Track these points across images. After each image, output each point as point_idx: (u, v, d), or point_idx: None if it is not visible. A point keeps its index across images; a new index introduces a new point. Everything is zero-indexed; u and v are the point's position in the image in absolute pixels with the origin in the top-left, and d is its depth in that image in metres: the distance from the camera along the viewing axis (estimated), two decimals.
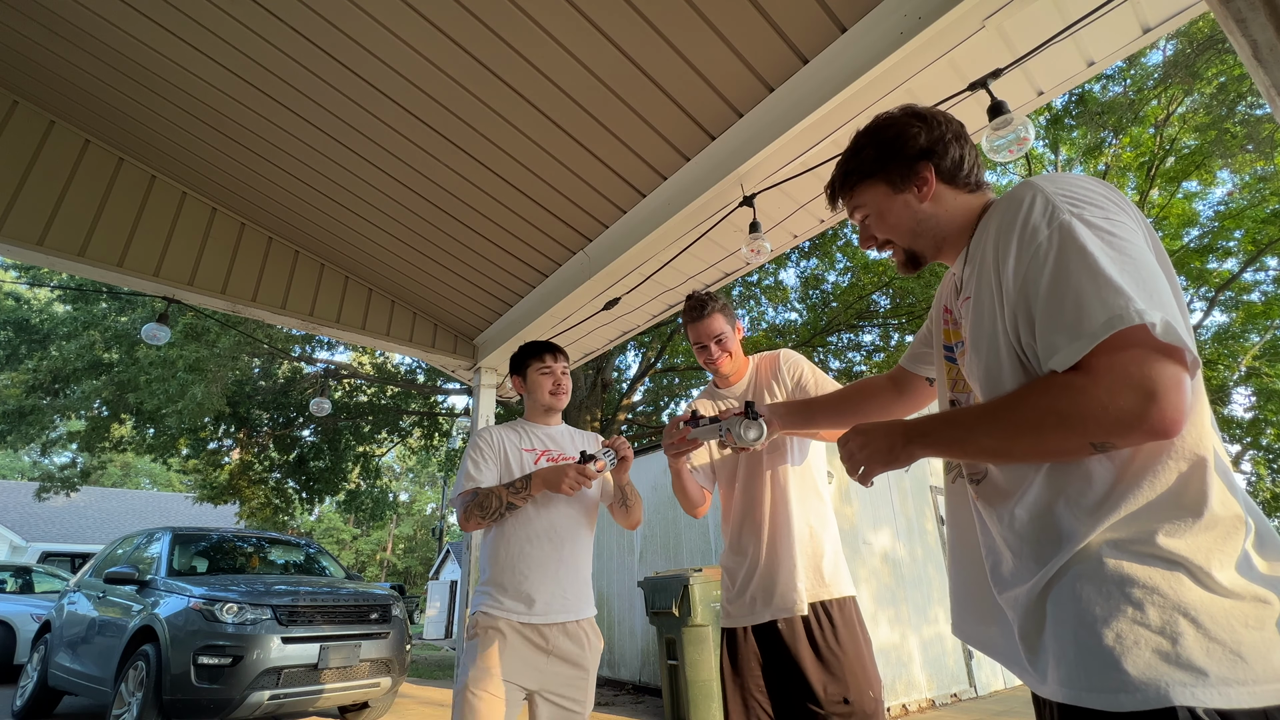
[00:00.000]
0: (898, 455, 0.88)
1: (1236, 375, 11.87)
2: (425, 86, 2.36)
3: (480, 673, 1.65)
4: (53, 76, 2.72)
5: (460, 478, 1.86)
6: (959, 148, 0.93)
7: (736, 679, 1.62)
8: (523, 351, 2.04)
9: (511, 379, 2.06)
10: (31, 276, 11.16)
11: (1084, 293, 0.66)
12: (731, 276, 3.43)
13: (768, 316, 13.87)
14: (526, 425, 2.01)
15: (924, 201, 0.93)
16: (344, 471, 12.92)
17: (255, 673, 3.65)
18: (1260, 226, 10.41)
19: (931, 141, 0.93)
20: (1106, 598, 0.67)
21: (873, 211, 0.98)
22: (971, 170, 0.94)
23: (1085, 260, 0.68)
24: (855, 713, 1.48)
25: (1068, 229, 0.71)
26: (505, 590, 1.78)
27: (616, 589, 7.10)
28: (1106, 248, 0.68)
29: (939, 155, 0.92)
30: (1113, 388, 0.64)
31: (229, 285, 3.36)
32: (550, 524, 1.84)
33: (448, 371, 4.35)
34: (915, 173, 0.93)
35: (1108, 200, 0.74)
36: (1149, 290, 0.65)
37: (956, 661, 5.89)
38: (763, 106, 2.15)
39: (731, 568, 1.73)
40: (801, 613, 1.57)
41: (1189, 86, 9.89)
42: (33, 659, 5.39)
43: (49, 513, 17.93)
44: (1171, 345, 0.63)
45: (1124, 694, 0.63)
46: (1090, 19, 1.82)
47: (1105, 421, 0.65)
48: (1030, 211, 0.75)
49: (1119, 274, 0.66)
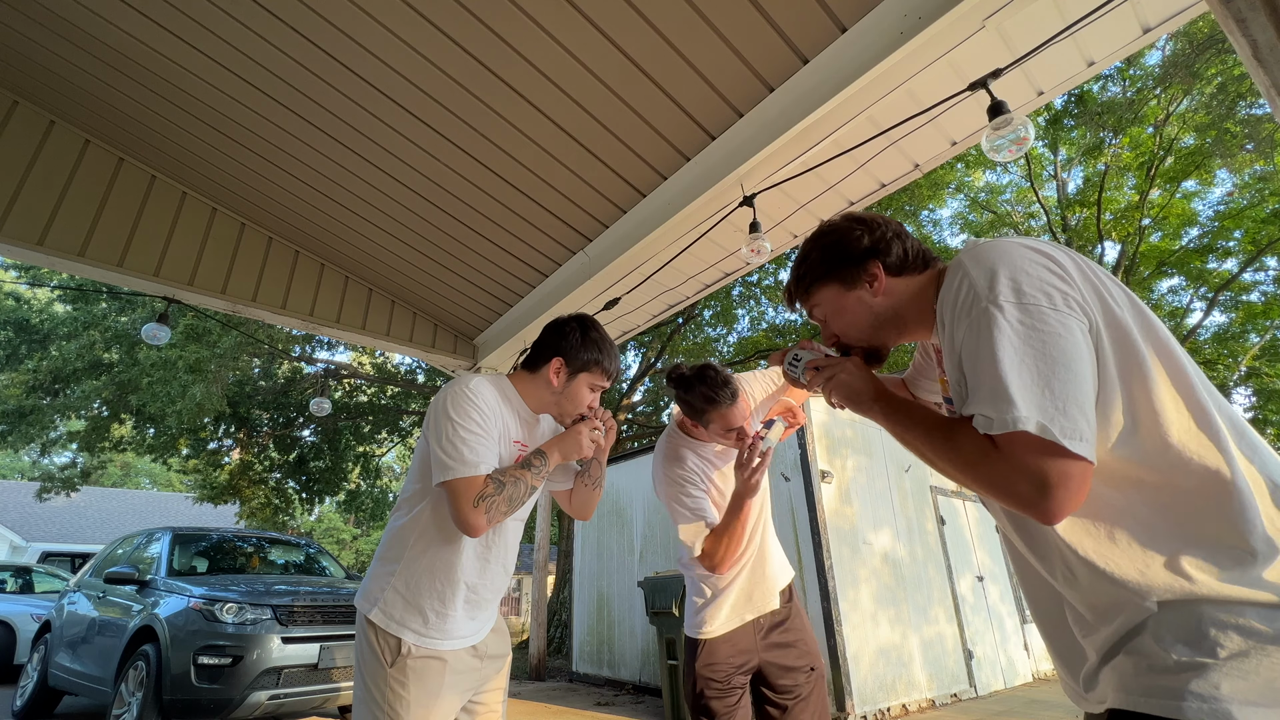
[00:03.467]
0: (862, 403, 0.97)
1: (1236, 375, 11.87)
2: (425, 86, 2.36)
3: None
4: (53, 76, 2.72)
5: (450, 458, 1.31)
6: (900, 244, 1.00)
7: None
8: (589, 348, 1.51)
9: (556, 360, 1.50)
10: (31, 276, 11.16)
11: (981, 386, 0.74)
12: (731, 276, 3.43)
13: (768, 316, 13.87)
14: (517, 402, 1.52)
15: (877, 296, 1.01)
16: (344, 471, 12.93)
17: (255, 673, 3.65)
18: (1260, 226, 10.41)
19: (874, 241, 1.00)
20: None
21: (829, 310, 1.06)
22: (916, 258, 1.01)
23: (990, 355, 0.74)
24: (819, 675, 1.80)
25: (979, 321, 0.76)
26: (447, 613, 1.40)
27: (616, 589, 7.10)
28: (1009, 343, 0.73)
29: (883, 253, 1.00)
30: (1010, 473, 0.71)
31: (229, 285, 3.36)
32: (501, 528, 1.50)
33: (448, 371, 4.35)
34: (864, 270, 1.00)
35: (1033, 279, 0.77)
36: (1043, 389, 0.70)
37: (956, 661, 5.90)
38: (763, 106, 2.15)
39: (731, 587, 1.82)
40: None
41: (1189, 86, 9.89)
42: (33, 659, 5.39)
43: (49, 513, 17.92)
44: (1049, 443, 0.68)
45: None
46: (1090, 19, 1.82)
47: (1008, 496, 0.72)
48: (957, 296, 0.81)
49: (1014, 376, 0.71)
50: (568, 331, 1.52)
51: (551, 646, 10.61)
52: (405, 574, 1.39)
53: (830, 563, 4.95)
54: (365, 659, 1.38)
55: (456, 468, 1.30)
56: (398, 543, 1.43)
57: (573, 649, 7.71)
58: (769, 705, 1.74)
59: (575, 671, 7.56)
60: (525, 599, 20.13)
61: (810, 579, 4.96)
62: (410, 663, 1.34)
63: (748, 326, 14.15)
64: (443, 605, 1.40)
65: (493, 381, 1.48)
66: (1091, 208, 11.46)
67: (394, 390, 13.09)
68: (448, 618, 1.40)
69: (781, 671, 1.75)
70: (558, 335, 1.53)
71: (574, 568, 8.10)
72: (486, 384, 1.44)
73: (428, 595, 1.39)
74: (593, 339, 1.52)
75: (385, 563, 1.42)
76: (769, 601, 1.79)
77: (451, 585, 1.40)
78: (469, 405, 1.36)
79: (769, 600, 1.79)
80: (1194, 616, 0.67)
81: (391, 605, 1.38)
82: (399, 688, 1.33)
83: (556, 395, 1.52)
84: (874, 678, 4.87)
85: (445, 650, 1.39)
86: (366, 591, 1.42)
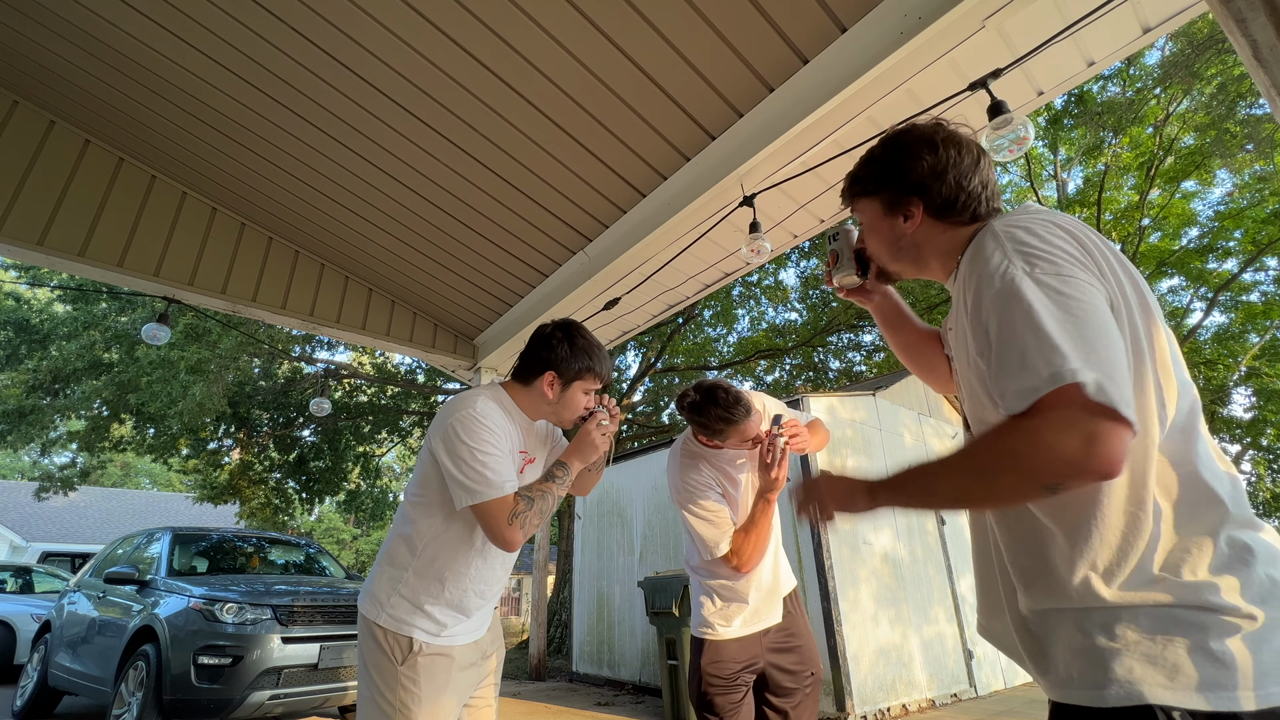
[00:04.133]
0: (857, 503, 0.94)
1: (1236, 375, 11.87)
2: (425, 86, 2.36)
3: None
4: (53, 76, 2.72)
5: (476, 483, 1.35)
6: (959, 183, 0.96)
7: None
8: (578, 356, 1.52)
9: (548, 374, 1.51)
10: (31, 276, 11.16)
11: (1028, 348, 0.71)
12: (731, 276, 3.43)
13: (768, 316, 13.88)
14: (516, 414, 1.54)
15: (910, 231, 1.00)
16: (344, 471, 12.93)
17: (255, 673, 3.65)
18: (1260, 226, 10.41)
19: (931, 175, 0.96)
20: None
21: (865, 221, 1.09)
22: (969, 204, 0.96)
23: (1030, 317, 0.72)
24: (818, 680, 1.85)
25: (1014, 286, 0.75)
26: (457, 615, 1.45)
27: (616, 589, 7.10)
28: (1051, 305, 0.72)
29: (932, 191, 0.97)
30: (1059, 429, 0.68)
31: (229, 285, 3.36)
32: None
33: (448, 371, 4.35)
34: (904, 204, 1.00)
35: (1065, 252, 0.77)
36: (1088, 349, 0.69)
37: (957, 661, 5.90)
38: (763, 106, 2.15)
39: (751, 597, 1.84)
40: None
41: (1189, 86, 9.89)
42: (33, 659, 5.39)
43: (49, 513, 17.92)
44: (1102, 405, 0.66)
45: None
46: (1090, 19, 1.82)
47: (1054, 462, 0.68)
48: (988, 263, 0.80)
49: (1059, 332, 0.70)
50: (555, 343, 1.53)
51: (551, 646, 10.61)
52: (414, 580, 1.43)
53: (830, 563, 4.95)
54: (373, 659, 1.40)
55: (485, 491, 1.35)
56: (404, 549, 1.45)
57: (573, 649, 7.71)
58: (769, 709, 1.78)
59: (575, 671, 7.56)
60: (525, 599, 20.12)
61: (810, 579, 4.96)
62: (421, 660, 1.38)
63: (748, 326, 14.16)
64: (452, 608, 1.44)
65: (493, 396, 1.50)
66: (1091, 208, 11.46)
67: (394, 390, 13.09)
68: (457, 619, 1.45)
69: (783, 675, 1.79)
70: (546, 348, 1.53)
71: (574, 568, 8.10)
72: (490, 403, 1.46)
73: (438, 599, 1.43)
74: (580, 347, 1.53)
75: (393, 568, 1.44)
76: (774, 614, 1.84)
77: (460, 590, 1.44)
78: (480, 429, 1.39)
79: (774, 613, 1.84)
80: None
81: (399, 609, 1.41)
82: (410, 685, 1.36)
83: (554, 405, 1.54)
84: (874, 678, 4.87)
85: (454, 646, 1.44)
86: (373, 596, 1.44)
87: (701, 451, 1.88)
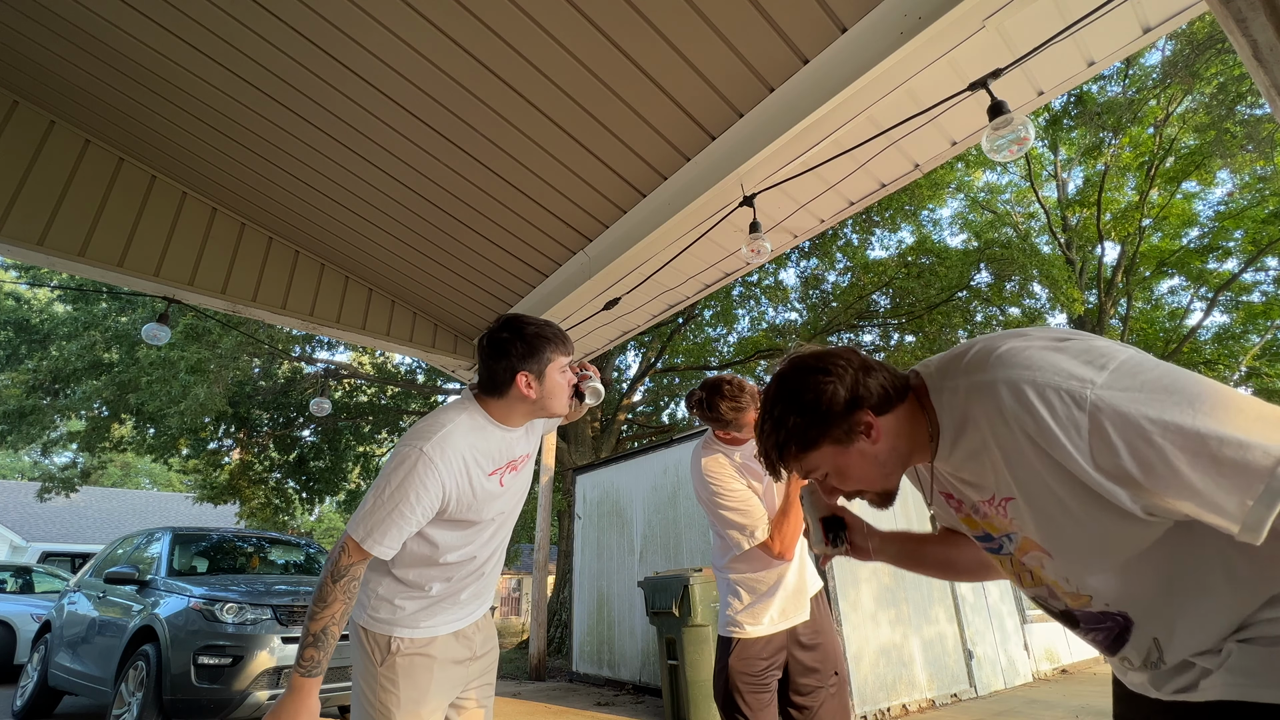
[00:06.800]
0: None
1: (1236, 375, 11.87)
2: (425, 86, 2.36)
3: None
4: (53, 76, 2.72)
5: (370, 517, 1.27)
6: (875, 379, 0.91)
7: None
8: (538, 345, 1.43)
9: (520, 377, 1.41)
10: (31, 276, 11.16)
11: (1225, 449, 0.61)
12: (731, 276, 3.43)
13: (768, 316, 13.87)
14: (491, 428, 1.46)
15: (877, 444, 0.91)
16: (344, 471, 12.93)
17: (255, 673, 3.64)
18: (1260, 226, 10.42)
19: (851, 389, 0.90)
20: None
21: (832, 470, 0.96)
22: (891, 387, 0.91)
23: (1181, 424, 0.63)
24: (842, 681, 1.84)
25: (1120, 403, 0.67)
26: (434, 610, 1.45)
27: (616, 589, 7.10)
28: (1182, 403, 0.64)
29: (865, 398, 0.90)
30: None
31: (229, 285, 3.36)
32: (486, 532, 1.50)
33: (448, 371, 4.35)
34: (857, 422, 0.90)
35: (1104, 355, 0.72)
36: (1254, 422, 0.63)
37: (957, 661, 5.89)
38: (763, 106, 2.15)
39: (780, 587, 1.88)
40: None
41: (1189, 86, 9.89)
42: (33, 659, 5.39)
43: (49, 513, 17.92)
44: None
45: None
46: (1090, 19, 1.82)
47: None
48: (1050, 411, 0.71)
49: (1226, 424, 0.62)
50: (509, 346, 1.42)
51: (551, 646, 10.61)
52: (391, 584, 1.44)
53: (830, 563, 4.96)
54: (357, 660, 1.43)
55: (365, 535, 1.27)
56: (379, 562, 1.45)
57: (573, 649, 7.71)
58: (791, 707, 1.79)
59: (575, 671, 7.56)
60: (525, 599, 20.13)
61: None
62: (400, 660, 1.39)
63: (748, 326, 14.15)
64: (433, 601, 1.45)
65: (466, 421, 1.41)
66: (1091, 208, 11.46)
67: (394, 390, 13.10)
68: (439, 609, 1.46)
69: (804, 670, 1.80)
70: (504, 355, 1.42)
71: (574, 568, 8.10)
72: (454, 436, 1.36)
73: (416, 598, 1.44)
74: (531, 334, 1.43)
75: (372, 571, 1.46)
76: (802, 612, 1.86)
77: (444, 584, 1.46)
78: (426, 464, 1.30)
79: (802, 610, 1.86)
80: None
81: (380, 609, 1.43)
82: (390, 685, 1.37)
83: (539, 401, 1.46)
84: (874, 678, 4.87)
85: (436, 640, 1.44)
86: (357, 599, 1.45)
87: (722, 449, 1.91)
